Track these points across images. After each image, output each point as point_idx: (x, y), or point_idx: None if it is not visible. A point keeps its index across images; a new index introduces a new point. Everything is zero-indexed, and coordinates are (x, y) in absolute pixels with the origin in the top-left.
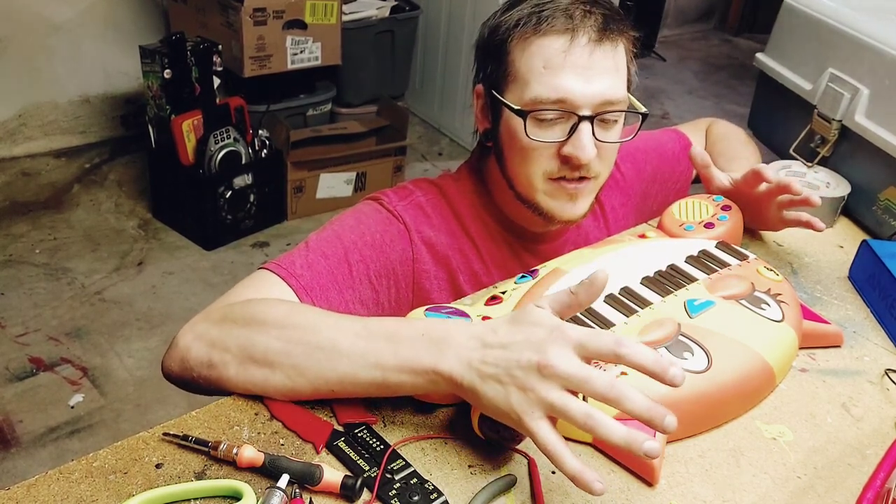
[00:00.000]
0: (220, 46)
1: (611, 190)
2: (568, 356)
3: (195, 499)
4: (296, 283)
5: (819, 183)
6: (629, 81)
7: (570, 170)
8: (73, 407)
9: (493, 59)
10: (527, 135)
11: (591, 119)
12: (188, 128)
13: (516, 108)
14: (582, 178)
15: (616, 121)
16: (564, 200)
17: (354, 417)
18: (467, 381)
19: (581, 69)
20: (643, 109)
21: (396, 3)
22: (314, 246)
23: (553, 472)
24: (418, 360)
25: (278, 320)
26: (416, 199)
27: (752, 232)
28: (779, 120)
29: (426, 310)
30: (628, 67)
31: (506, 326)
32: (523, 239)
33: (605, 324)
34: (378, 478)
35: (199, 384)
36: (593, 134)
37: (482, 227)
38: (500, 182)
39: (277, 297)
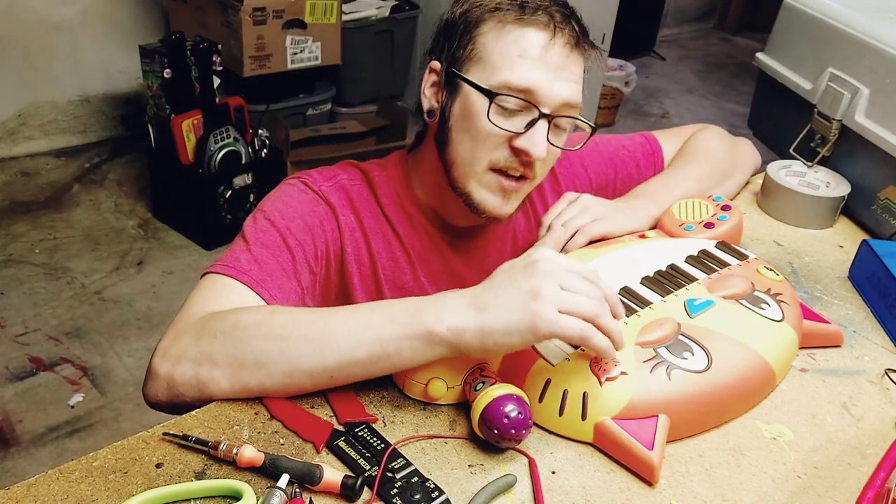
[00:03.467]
0: (219, 46)
1: (546, 194)
2: (553, 254)
3: (195, 499)
4: (247, 279)
5: (819, 182)
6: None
7: (519, 164)
8: (72, 407)
9: (460, 38)
10: (489, 118)
11: (549, 118)
12: (188, 127)
13: (485, 87)
14: (521, 178)
15: (566, 129)
16: (498, 196)
17: (355, 417)
18: (471, 324)
19: (554, 68)
20: (592, 125)
21: (396, 2)
22: (252, 238)
23: (553, 473)
24: (418, 320)
25: (260, 323)
26: (341, 181)
27: (752, 232)
28: (779, 119)
29: None
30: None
31: (484, 282)
32: (446, 234)
33: None
34: (378, 476)
35: (189, 404)
36: (547, 134)
37: (404, 217)
38: (431, 169)
39: (235, 297)
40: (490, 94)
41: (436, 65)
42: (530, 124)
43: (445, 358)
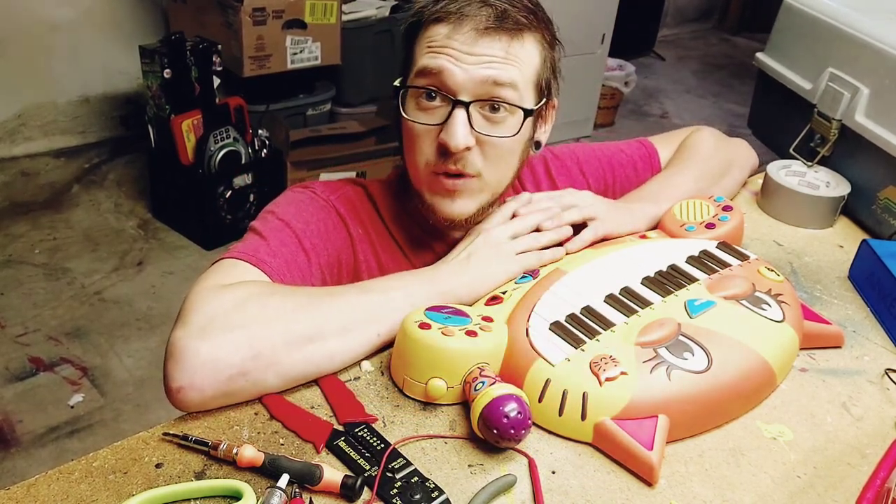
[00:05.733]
0: (219, 46)
1: None
2: (498, 224)
3: (195, 499)
4: (268, 269)
5: (819, 182)
6: (541, 84)
7: (446, 160)
8: (72, 407)
9: (403, 52)
10: (404, 112)
11: (466, 105)
12: (188, 127)
13: (396, 84)
14: (461, 175)
15: (500, 117)
16: (443, 196)
17: (355, 417)
18: (461, 282)
19: (460, 54)
20: (527, 107)
21: (396, 2)
22: (269, 235)
23: (553, 473)
24: (424, 291)
25: (300, 298)
26: (347, 194)
27: (752, 232)
28: (779, 119)
29: (426, 310)
30: (541, 68)
31: (450, 253)
32: (443, 244)
33: (606, 324)
34: (378, 476)
35: (229, 388)
36: (471, 124)
37: (405, 230)
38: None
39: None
40: (399, 89)
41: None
42: (449, 115)
43: (445, 358)
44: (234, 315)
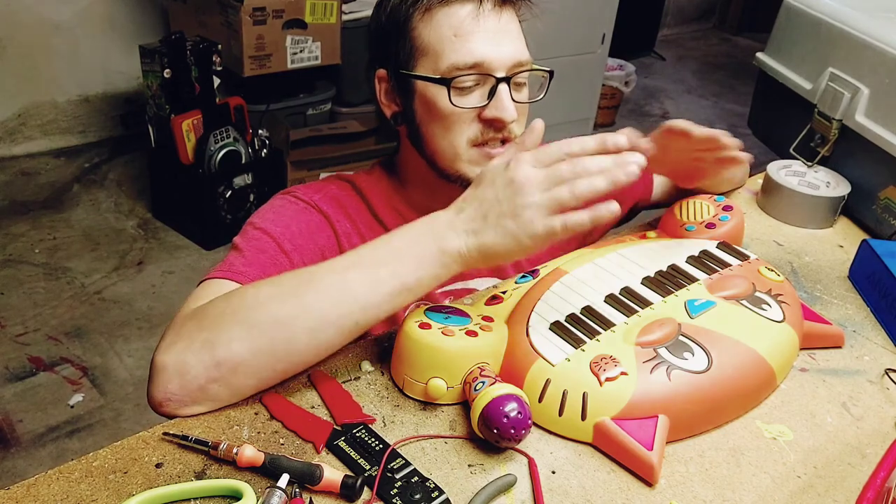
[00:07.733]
0: (219, 46)
1: None
2: (529, 168)
3: (195, 498)
4: (244, 279)
5: (819, 182)
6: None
7: (494, 132)
8: (72, 406)
9: (396, 39)
10: (451, 102)
11: (507, 80)
12: (188, 127)
13: (437, 77)
14: (503, 141)
15: (526, 82)
16: None
17: (352, 418)
18: (472, 246)
19: (492, 33)
20: (548, 69)
21: None
22: (245, 246)
23: (553, 473)
24: (426, 254)
25: (271, 291)
26: (331, 192)
27: (752, 232)
28: (779, 119)
29: (426, 310)
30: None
31: (469, 193)
32: None
33: (606, 324)
34: (378, 476)
35: (203, 396)
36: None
37: (398, 219)
38: (416, 168)
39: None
40: (445, 81)
41: (382, 73)
42: (491, 93)
43: (445, 358)
44: (192, 327)
